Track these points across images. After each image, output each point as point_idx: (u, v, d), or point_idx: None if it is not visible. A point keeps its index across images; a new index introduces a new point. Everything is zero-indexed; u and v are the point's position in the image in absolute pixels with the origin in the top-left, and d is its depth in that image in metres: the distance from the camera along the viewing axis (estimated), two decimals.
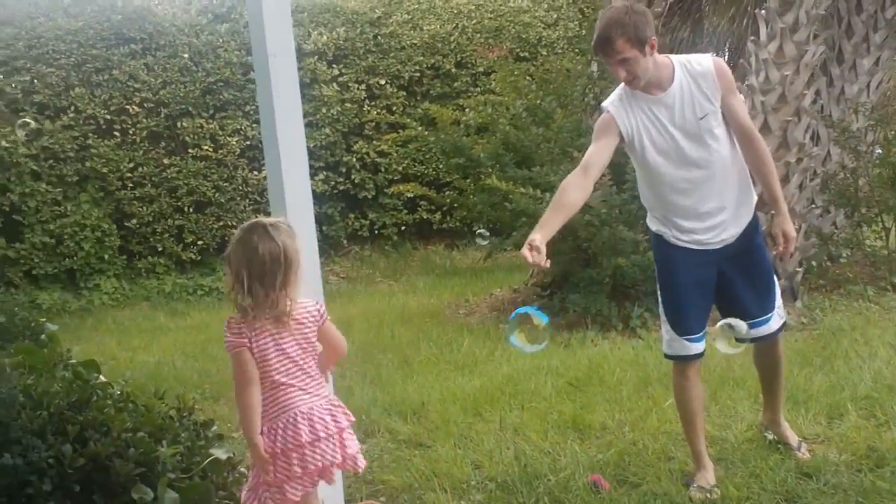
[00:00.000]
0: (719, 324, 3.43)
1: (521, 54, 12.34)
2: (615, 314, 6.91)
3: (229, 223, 10.77)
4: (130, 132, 10.68)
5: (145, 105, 10.75)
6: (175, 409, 3.68)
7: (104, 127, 10.56)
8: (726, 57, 11.26)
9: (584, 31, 12.11)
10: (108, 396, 3.49)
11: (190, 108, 10.93)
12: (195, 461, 3.30)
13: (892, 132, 8.44)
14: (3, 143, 9.64)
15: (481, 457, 4.19)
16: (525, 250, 3.17)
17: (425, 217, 11.97)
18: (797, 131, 7.10)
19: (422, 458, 4.26)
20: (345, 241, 11.90)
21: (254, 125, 10.89)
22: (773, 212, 3.70)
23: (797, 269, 7.07)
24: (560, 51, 12.33)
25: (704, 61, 3.51)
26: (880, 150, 8.17)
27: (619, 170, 6.77)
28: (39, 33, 10.40)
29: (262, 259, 2.69)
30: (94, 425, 3.11)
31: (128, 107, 10.66)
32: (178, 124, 10.88)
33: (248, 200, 11.11)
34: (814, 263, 7.54)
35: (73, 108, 10.39)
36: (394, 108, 11.95)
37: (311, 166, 3.65)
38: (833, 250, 7.86)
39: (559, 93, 8.81)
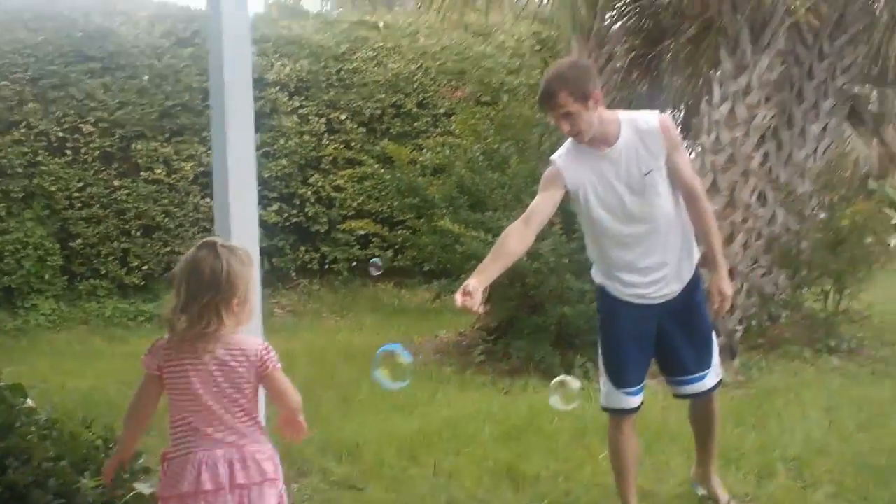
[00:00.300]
0: (555, 380, 3.58)
1: (483, 99, 12.43)
2: (558, 362, 6.91)
3: (176, 249, 10.56)
4: (82, 151, 10.52)
5: (100, 125, 10.59)
6: (102, 439, 3.59)
7: (56, 144, 10.40)
8: (682, 115, 11.45)
9: None
10: (34, 423, 3.40)
11: (145, 131, 10.80)
12: (118, 494, 3.22)
13: (837, 198, 8.65)
14: None
15: (413, 502, 4.14)
16: (458, 295, 3.19)
17: (377, 254, 11.88)
18: (744, 192, 7.25)
19: (352, 500, 4.21)
20: (293, 274, 11.78)
21: (209, 151, 10.70)
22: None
23: (737, 328, 7.17)
24: (521, 97, 12.44)
25: (651, 119, 3.56)
26: (824, 215, 8.35)
27: (570, 218, 6.81)
28: None
29: (201, 275, 2.48)
30: (15, 452, 3.02)
31: (82, 125, 10.50)
32: (132, 146, 10.73)
33: (197, 227, 10.94)
34: (753, 322, 7.64)
35: (25, 123, 10.23)
36: (352, 144, 11.94)
37: (265, 197, 3.62)
38: (773, 310, 7.97)
39: (517, 138, 8.88)
